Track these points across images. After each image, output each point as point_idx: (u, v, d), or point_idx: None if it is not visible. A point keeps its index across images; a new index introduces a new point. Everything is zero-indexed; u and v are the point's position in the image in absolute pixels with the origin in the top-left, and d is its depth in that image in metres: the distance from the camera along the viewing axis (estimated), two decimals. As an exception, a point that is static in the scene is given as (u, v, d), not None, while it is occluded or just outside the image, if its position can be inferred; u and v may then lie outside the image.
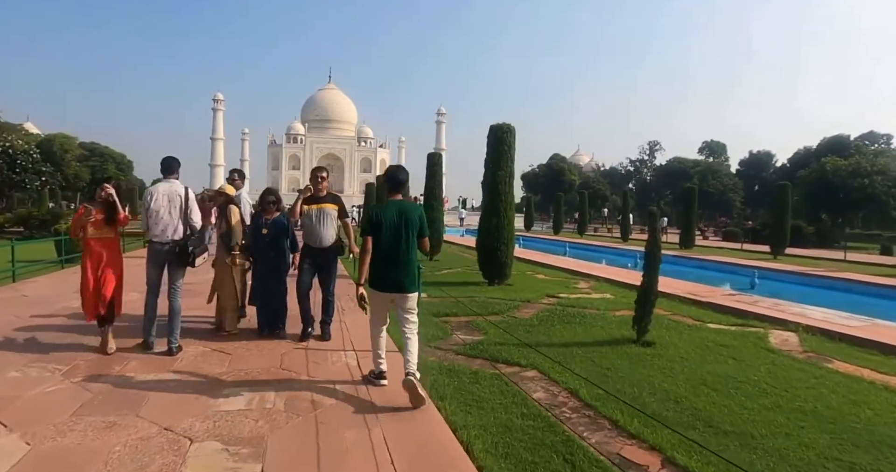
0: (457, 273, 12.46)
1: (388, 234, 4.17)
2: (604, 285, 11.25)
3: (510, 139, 10.21)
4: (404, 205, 4.31)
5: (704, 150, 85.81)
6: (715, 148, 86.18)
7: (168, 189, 5.32)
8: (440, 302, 8.48)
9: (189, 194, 5.38)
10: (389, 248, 4.18)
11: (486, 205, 10.33)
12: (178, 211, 5.30)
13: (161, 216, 5.23)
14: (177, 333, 5.36)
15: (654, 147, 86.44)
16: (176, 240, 5.29)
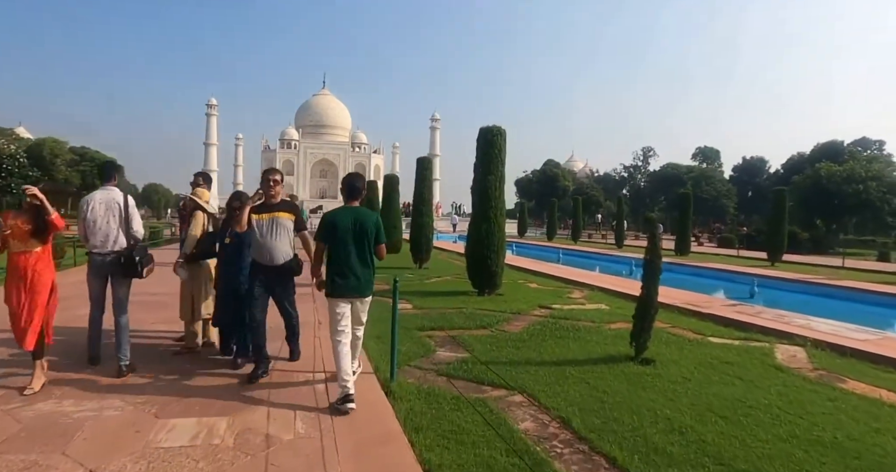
0: (446, 282, 11.97)
1: (343, 240, 4.25)
2: (599, 295, 10.79)
3: (501, 142, 9.75)
4: (360, 212, 4.38)
5: (698, 156, 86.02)
6: (708, 154, 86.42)
7: (105, 197, 4.86)
8: (425, 314, 7.99)
9: (129, 202, 4.90)
10: (345, 254, 4.25)
11: (476, 211, 9.86)
12: (118, 220, 4.81)
13: (99, 226, 4.77)
14: (125, 350, 4.84)
15: (648, 153, 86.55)
16: (117, 251, 4.80)
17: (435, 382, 4.93)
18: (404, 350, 5.75)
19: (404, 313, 8.00)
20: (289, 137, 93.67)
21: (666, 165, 78.66)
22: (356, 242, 4.25)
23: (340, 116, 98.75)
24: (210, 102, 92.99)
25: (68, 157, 57.55)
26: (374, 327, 6.69)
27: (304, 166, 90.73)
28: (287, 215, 4.85)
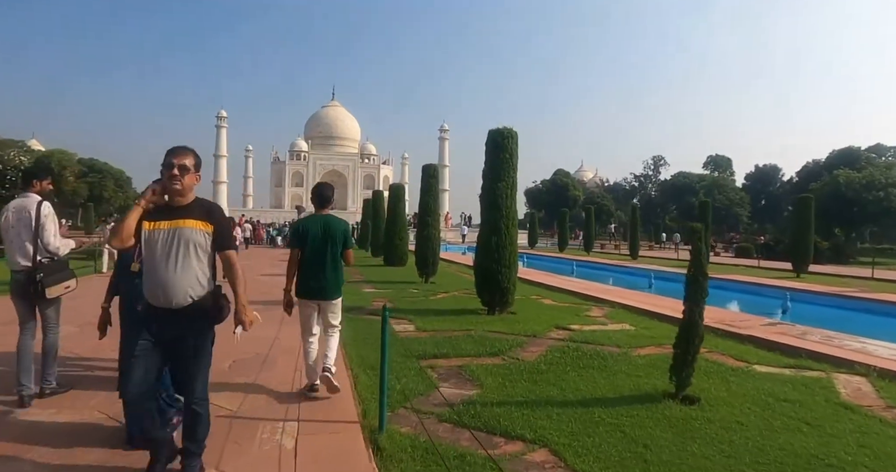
0: (453, 299, 11.06)
1: (313, 245, 4.47)
2: (620, 313, 9.84)
3: (512, 146, 8.90)
4: (329, 219, 4.63)
5: (709, 164, 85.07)
6: (720, 162, 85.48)
7: (18, 205, 4.13)
8: (429, 338, 7.08)
9: (42, 210, 4.10)
10: (314, 258, 4.47)
11: (485, 222, 8.99)
12: (28, 231, 4.00)
13: (11, 239, 4.00)
14: (51, 373, 4.20)
15: (659, 162, 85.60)
16: (27, 266, 4.01)
17: (436, 431, 4.02)
18: (401, 387, 4.86)
19: (405, 336, 7.13)
20: (298, 148, 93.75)
21: (677, 174, 77.78)
22: (325, 247, 4.51)
23: (350, 127, 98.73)
24: (220, 114, 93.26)
25: (76, 168, 57.47)
26: (372, 353, 5.82)
27: (313, 178, 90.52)
28: (198, 225, 3.00)
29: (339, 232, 4.61)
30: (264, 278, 13.75)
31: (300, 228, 4.60)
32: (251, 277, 14.42)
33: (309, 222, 4.61)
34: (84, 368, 5.38)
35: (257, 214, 66.02)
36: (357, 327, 7.54)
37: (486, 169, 9.02)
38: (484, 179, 9.03)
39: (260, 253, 25.54)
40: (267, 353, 5.68)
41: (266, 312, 8.72)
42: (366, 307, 9.38)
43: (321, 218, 4.65)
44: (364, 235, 29.37)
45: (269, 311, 8.64)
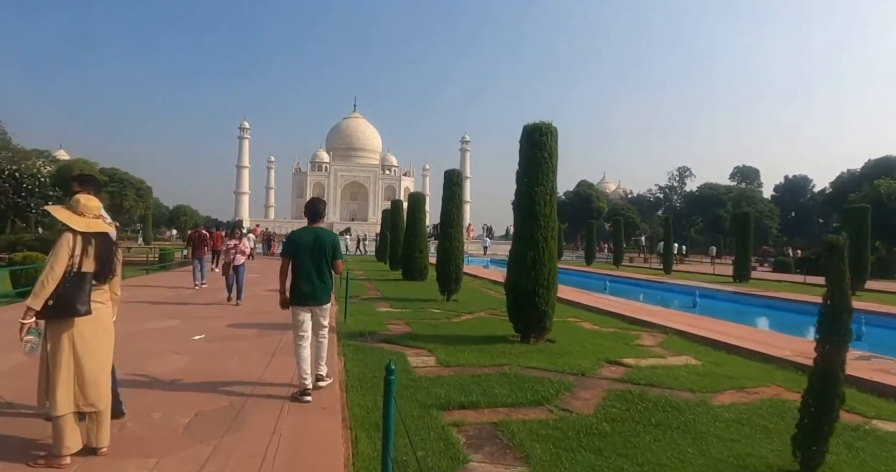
0: (479, 322, 9.67)
1: (305, 255, 4.82)
2: (677, 342, 8.37)
3: (551, 144, 7.56)
4: (320, 232, 4.96)
5: (736, 175, 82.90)
6: (747, 173, 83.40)
7: None
8: (453, 377, 5.71)
9: None
10: (306, 268, 4.82)
11: (520, 233, 7.63)
12: None
13: None
14: None
15: (685, 173, 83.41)
16: None
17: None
18: (417, 464, 3.50)
19: (424, 374, 5.77)
20: (320, 159, 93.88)
21: (703, 185, 75.91)
22: (315, 258, 4.81)
23: (371, 138, 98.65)
24: (243, 126, 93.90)
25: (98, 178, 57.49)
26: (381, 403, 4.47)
27: (334, 189, 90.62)
28: None
29: (329, 244, 4.92)
30: (271, 293, 12.54)
31: (292, 240, 4.93)
32: (257, 291, 13.44)
33: (301, 235, 4.93)
34: None
35: (279, 224, 65.66)
36: (366, 360, 6.21)
37: (520, 171, 7.70)
38: (518, 184, 7.70)
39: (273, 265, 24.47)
40: (244, 403, 4.36)
41: (261, 338, 7.42)
42: (379, 333, 8.06)
43: (312, 231, 4.96)
44: (382, 247, 28.11)
45: (266, 337, 7.46)
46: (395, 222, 21.94)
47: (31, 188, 33.08)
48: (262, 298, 11.68)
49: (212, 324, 8.24)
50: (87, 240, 3.28)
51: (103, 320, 3.44)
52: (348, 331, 7.96)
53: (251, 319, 8.85)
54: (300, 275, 4.82)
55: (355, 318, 9.15)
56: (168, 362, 5.71)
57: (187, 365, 5.62)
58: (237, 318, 8.95)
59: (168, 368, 5.45)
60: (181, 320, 8.43)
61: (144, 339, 6.84)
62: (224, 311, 9.58)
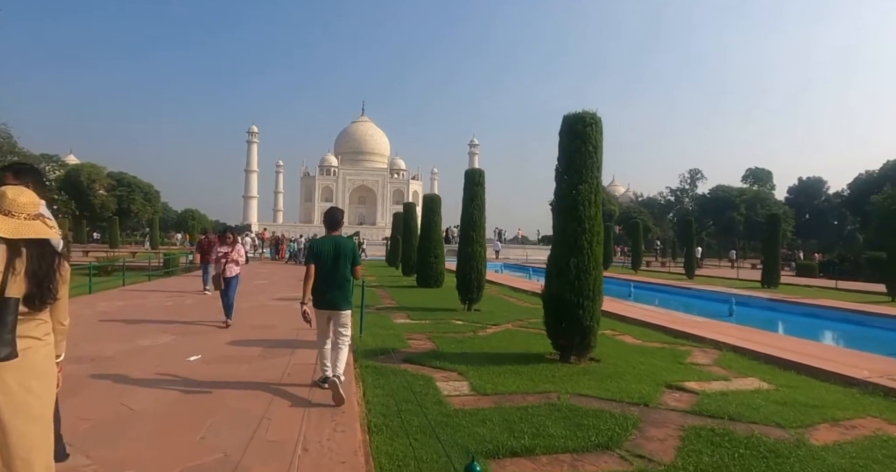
0: (508, 335, 8.72)
1: (326, 263, 5.07)
2: (735, 360, 7.40)
3: (596, 136, 6.64)
4: (339, 240, 5.25)
5: (748, 177, 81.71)
6: (760, 175, 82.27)
7: None
8: (494, 410, 4.75)
9: None
10: (327, 274, 5.05)
11: (560, 237, 6.68)
12: None
13: None
14: None
15: (696, 176, 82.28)
16: None
17: None
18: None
19: (459, 406, 4.84)
20: (328, 163, 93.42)
21: (716, 188, 74.98)
22: (335, 264, 5.09)
23: (379, 142, 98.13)
24: (251, 130, 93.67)
25: (105, 182, 57.18)
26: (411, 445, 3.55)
27: (342, 193, 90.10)
28: None
29: (349, 250, 5.17)
30: (278, 303, 11.67)
31: (314, 248, 5.20)
32: (263, 301, 12.62)
33: (322, 243, 5.20)
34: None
35: (287, 228, 65.03)
36: (389, 386, 5.28)
37: (560, 168, 6.77)
38: (558, 182, 6.76)
39: (283, 271, 23.61)
40: (240, 458, 3.40)
41: (265, 360, 6.24)
42: (400, 350, 7.13)
43: (332, 239, 5.22)
44: (393, 251, 27.20)
45: (271, 358, 6.39)
46: (408, 226, 21.05)
47: (35, 192, 32.44)
48: (268, 309, 10.81)
49: (211, 340, 7.35)
50: (14, 250, 2.30)
51: (39, 364, 2.33)
52: (365, 348, 7.05)
53: (255, 334, 7.95)
54: (321, 282, 5.06)
55: (371, 332, 8.24)
56: (152, 393, 4.78)
57: (176, 398, 4.69)
58: (240, 332, 8.05)
59: (151, 402, 4.51)
60: (177, 336, 7.54)
61: (130, 361, 5.95)
62: (225, 324, 8.73)
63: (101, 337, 7.27)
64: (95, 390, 4.74)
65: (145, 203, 60.60)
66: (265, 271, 22.26)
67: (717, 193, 74.09)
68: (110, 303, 11.12)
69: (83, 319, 8.91)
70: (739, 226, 71.33)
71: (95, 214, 56.04)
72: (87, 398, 4.53)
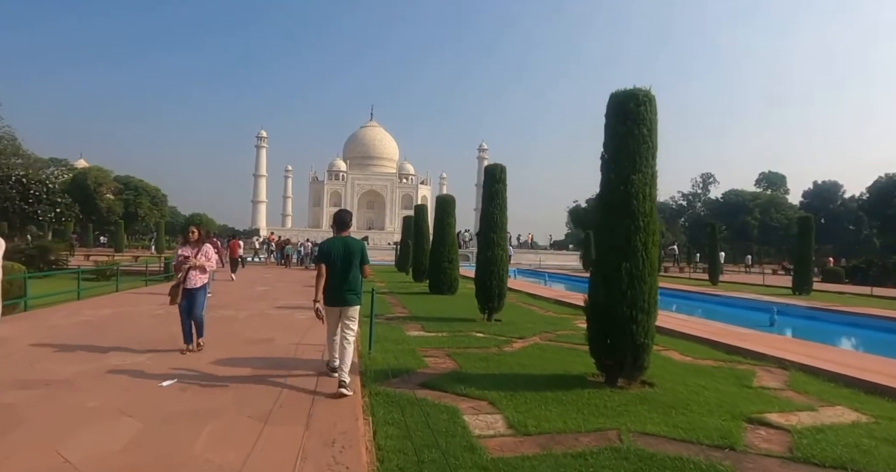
0: (538, 351, 7.59)
1: (336, 262, 5.21)
2: (807, 381, 6.29)
3: (649, 116, 5.57)
4: (349, 240, 5.38)
5: (762, 182, 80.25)
6: (773, 180, 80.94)
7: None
8: (543, 458, 3.64)
9: None
10: (337, 272, 5.21)
11: (607, 237, 5.60)
12: None
13: None
14: None
15: (708, 180, 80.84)
16: None
17: None
18: None
19: (498, 452, 3.76)
20: (337, 168, 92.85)
21: (729, 192, 73.76)
22: (344, 264, 5.23)
23: (388, 147, 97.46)
24: (260, 134, 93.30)
25: (112, 185, 56.67)
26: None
27: (351, 197, 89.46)
28: None
29: (357, 251, 5.32)
30: (277, 311, 10.65)
31: (325, 248, 5.34)
32: (261, 309, 11.20)
33: (332, 243, 5.35)
34: None
35: (295, 233, 64.21)
36: (406, 423, 4.20)
37: (607, 156, 5.70)
38: (605, 172, 5.69)
39: (285, 276, 22.62)
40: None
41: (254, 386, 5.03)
42: (416, 371, 6.04)
43: (341, 239, 5.38)
44: (403, 256, 26.14)
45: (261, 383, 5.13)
46: (419, 230, 20.00)
47: (38, 194, 31.76)
48: (267, 319, 9.77)
49: (195, 357, 6.28)
50: None
51: None
52: (375, 369, 5.97)
53: (248, 350, 6.85)
54: (332, 280, 5.21)
55: (382, 347, 7.18)
56: (102, 435, 3.66)
57: (129, 444, 3.54)
58: (230, 348, 6.95)
59: (96, 451, 3.39)
60: (156, 353, 6.41)
61: (91, 386, 4.88)
62: (212, 337, 7.66)
63: (66, 354, 6.26)
64: (31, 431, 3.71)
65: (152, 207, 59.98)
66: (270, 277, 21.28)
67: (729, 197, 72.96)
68: (96, 311, 10.14)
69: (54, 330, 7.93)
70: (754, 231, 69.90)
71: (102, 218, 55.49)
72: (16, 442, 3.50)
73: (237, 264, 21.06)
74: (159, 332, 7.87)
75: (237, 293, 14.19)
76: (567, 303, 13.87)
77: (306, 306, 11.36)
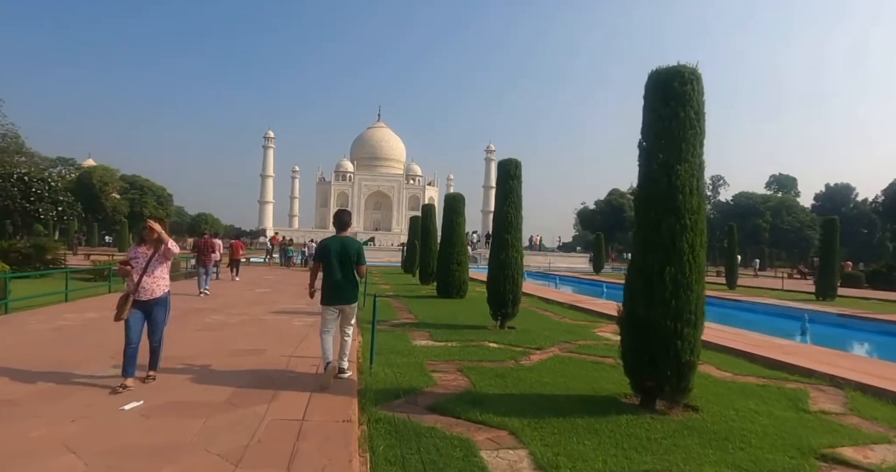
0: (560, 366, 6.76)
1: (333, 260, 5.40)
2: (869, 404, 5.49)
3: (696, 98, 4.79)
4: (346, 240, 5.55)
5: (772, 184, 79.02)
6: (784, 182, 79.85)
7: None
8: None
9: None
10: (334, 271, 5.40)
11: (649, 237, 4.80)
12: None
13: None
14: None
15: (718, 182, 79.74)
16: None
17: None
18: None
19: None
20: (344, 169, 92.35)
21: (739, 195, 72.66)
22: (342, 263, 5.42)
23: (395, 148, 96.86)
24: (267, 135, 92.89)
25: (118, 185, 56.27)
26: None
27: (358, 198, 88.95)
28: None
29: (354, 250, 5.50)
30: (274, 317, 9.90)
31: (323, 246, 5.55)
32: (256, 313, 10.00)
33: (330, 242, 5.54)
34: None
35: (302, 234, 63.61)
36: (411, 462, 3.43)
37: (646, 143, 4.92)
38: (644, 162, 4.91)
39: (288, 278, 21.91)
40: None
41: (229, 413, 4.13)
42: (424, 390, 5.26)
43: (340, 239, 5.56)
44: (410, 257, 25.37)
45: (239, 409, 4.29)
46: (427, 230, 19.21)
47: (39, 193, 31.23)
48: (261, 325, 9.00)
49: (169, 374, 5.50)
50: None
51: None
52: (377, 387, 5.21)
53: (232, 363, 6.02)
54: (329, 277, 5.40)
55: (386, 360, 6.40)
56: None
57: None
58: (212, 361, 6.07)
59: None
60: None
61: (42, 410, 4.11)
62: (196, 348, 6.91)
63: (27, 367, 5.51)
64: None
65: (158, 206, 59.53)
66: (272, 278, 20.58)
67: (740, 200, 71.89)
68: (79, 315, 9.45)
69: (27, 337, 7.24)
70: (765, 234, 68.67)
71: (108, 218, 55.08)
72: None
73: (239, 265, 20.76)
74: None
75: (234, 295, 13.50)
76: (583, 308, 13.06)
77: (305, 310, 10.63)
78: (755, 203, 70.24)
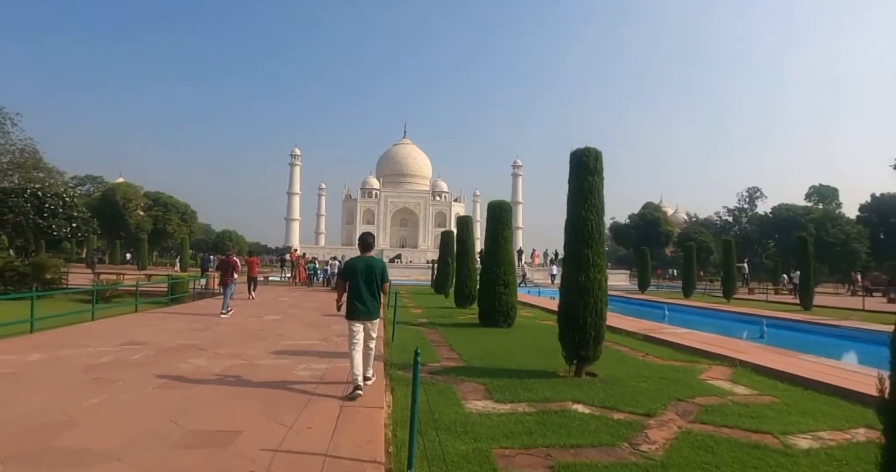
0: (709, 456, 4.30)
1: (359, 279, 5.86)
2: None
3: None
4: (371, 260, 6.00)
5: (812, 195, 74.68)
6: (825, 193, 75.39)
7: None
8: None
9: None
10: (359, 289, 5.84)
11: None
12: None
13: None
14: None
15: (755, 194, 75.87)
16: None
17: None
18: None
19: None
20: (370, 186, 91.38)
21: (779, 206, 68.74)
22: (366, 281, 5.86)
23: (421, 164, 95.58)
24: (294, 152, 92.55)
25: (142, 201, 55.44)
26: None
27: (384, 215, 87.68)
28: None
29: (378, 270, 5.97)
30: (274, 361, 7.61)
31: (349, 266, 6.01)
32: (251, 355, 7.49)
33: (356, 262, 5.99)
34: None
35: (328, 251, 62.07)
36: None
37: None
38: None
39: (305, 300, 19.74)
40: None
41: None
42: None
43: (365, 259, 6.03)
44: (442, 276, 22.93)
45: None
46: (463, 245, 16.78)
47: (53, 208, 29.86)
48: (250, 376, 6.73)
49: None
50: None
51: None
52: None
53: (170, 465, 3.83)
54: (355, 296, 5.84)
55: (431, 446, 3.97)
56: None
57: None
58: (135, 459, 3.97)
59: None
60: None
61: None
62: (128, 427, 4.64)
63: None
64: None
65: (181, 224, 58.54)
66: (287, 301, 18.40)
67: (780, 212, 67.96)
68: (23, 356, 7.31)
69: None
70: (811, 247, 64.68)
71: (131, 235, 54.18)
72: None
73: (255, 283, 19.50)
74: (67, 404, 4.89)
75: (235, 324, 11.21)
76: (664, 341, 10.43)
77: (318, 349, 8.34)
78: (796, 215, 66.30)
